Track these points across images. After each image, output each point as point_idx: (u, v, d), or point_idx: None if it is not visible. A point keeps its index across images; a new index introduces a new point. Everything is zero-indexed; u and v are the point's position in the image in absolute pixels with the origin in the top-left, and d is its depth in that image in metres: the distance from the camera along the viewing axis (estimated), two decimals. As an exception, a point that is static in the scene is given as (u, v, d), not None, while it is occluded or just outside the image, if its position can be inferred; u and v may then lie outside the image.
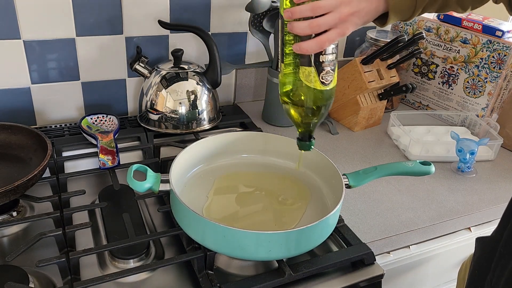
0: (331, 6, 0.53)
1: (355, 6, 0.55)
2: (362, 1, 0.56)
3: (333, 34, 0.54)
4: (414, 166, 0.77)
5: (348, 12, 0.54)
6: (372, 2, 0.57)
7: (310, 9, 0.53)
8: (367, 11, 0.57)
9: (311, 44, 0.54)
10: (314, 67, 0.57)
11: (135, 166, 0.69)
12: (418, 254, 0.84)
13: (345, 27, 0.55)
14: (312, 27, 0.53)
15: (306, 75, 0.57)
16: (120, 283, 0.66)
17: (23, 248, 0.65)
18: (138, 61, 0.99)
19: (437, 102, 1.28)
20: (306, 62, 0.57)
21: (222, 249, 0.64)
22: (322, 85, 0.58)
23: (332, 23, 0.53)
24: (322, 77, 0.58)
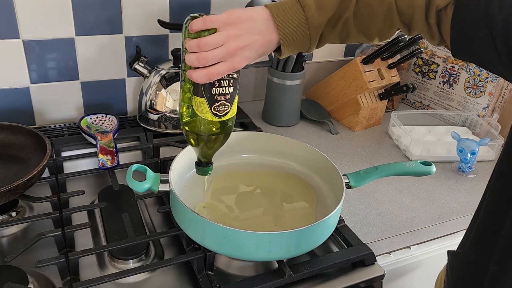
0: (219, 41, 0.53)
1: (244, 40, 0.54)
2: (253, 35, 0.55)
3: (221, 67, 0.53)
4: (415, 166, 0.76)
5: (236, 46, 0.54)
6: (264, 35, 0.56)
7: (196, 45, 0.53)
8: (261, 44, 0.56)
9: (200, 74, 0.53)
10: (205, 98, 0.56)
11: (135, 166, 0.69)
12: (419, 255, 0.84)
13: (236, 61, 0.54)
14: (200, 60, 0.53)
15: (198, 105, 0.57)
16: (119, 284, 0.66)
17: (22, 249, 0.65)
18: (138, 60, 0.99)
19: (438, 102, 1.28)
20: (197, 92, 0.56)
21: (222, 249, 0.64)
22: (215, 117, 0.58)
23: (219, 57, 0.53)
24: (214, 109, 0.57)
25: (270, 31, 0.57)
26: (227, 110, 0.58)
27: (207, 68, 0.53)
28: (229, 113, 0.59)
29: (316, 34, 0.58)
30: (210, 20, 0.54)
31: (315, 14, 0.57)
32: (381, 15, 0.58)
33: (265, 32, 0.56)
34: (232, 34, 0.54)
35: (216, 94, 0.56)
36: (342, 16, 0.58)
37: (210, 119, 0.58)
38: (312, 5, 0.57)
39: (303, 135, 1.12)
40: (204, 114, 0.58)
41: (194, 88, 0.57)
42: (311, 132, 1.14)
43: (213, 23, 0.54)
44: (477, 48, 0.53)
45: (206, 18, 0.54)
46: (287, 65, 1.08)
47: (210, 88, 0.56)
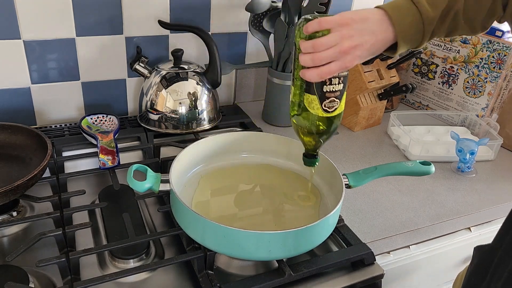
0: (332, 42, 0.56)
1: (356, 40, 0.56)
2: (364, 35, 0.57)
3: (333, 66, 0.56)
4: (414, 166, 0.77)
5: (349, 46, 0.56)
6: (377, 34, 0.58)
7: (311, 46, 0.56)
8: (372, 43, 0.58)
9: (313, 74, 0.56)
10: (316, 96, 0.59)
11: (135, 166, 0.69)
12: (418, 254, 0.84)
13: (347, 60, 0.57)
14: (314, 60, 0.56)
15: (309, 101, 0.60)
16: (120, 283, 0.66)
17: (23, 248, 0.65)
18: (138, 61, 0.99)
19: (437, 102, 1.28)
20: (309, 90, 0.60)
21: (222, 249, 0.64)
22: (325, 113, 0.61)
23: (332, 56, 0.56)
24: (324, 105, 0.60)
25: (383, 30, 0.59)
26: (336, 106, 0.61)
27: (319, 67, 0.56)
28: (337, 109, 0.62)
29: (429, 28, 0.60)
30: (326, 22, 0.56)
31: (428, 9, 0.59)
32: (487, 4, 0.60)
33: (377, 31, 0.58)
34: (345, 34, 0.56)
35: (327, 91, 0.59)
36: (453, 9, 0.60)
37: (320, 115, 0.61)
38: (423, 1, 0.59)
39: (303, 135, 1.12)
40: (315, 111, 0.61)
41: (306, 86, 0.60)
42: (310, 132, 1.14)
43: (328, 24, 0.56)
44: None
45: (321, 20, 0.56)
46: (287, 65, 1.08)
47: (322, 86, 0.59)
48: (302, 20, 0.59)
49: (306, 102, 0.61)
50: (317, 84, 0.58)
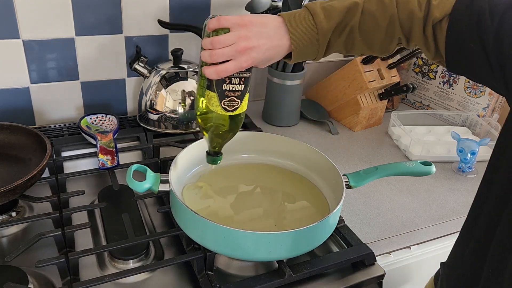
0: (229, 41, 0.58)
1: (252, 42, 0.58)
2: (261, 38, 0.59)
3: (230, 65, 0.58)
4: (415, 166, 0.76)
5: (245, 46, 0.58)
6: (273, 40, 0.60)
7: (210, 42, 0.58)
8: (268, 47, 0.60)
9: (211, 71, 0.58)
10: (216, 93, 0.61)
11: (135, 166, 0.69)
12: (419, 255, 0.84)
13: (243, 60, 0.58)
14: (211, 56, 0.58)
15: (209, 98, 0.62)
16: (119, 284, 0.66)
17: (22, 249, 0.65)
18: (138, 60, 0.99)
19: (438, 102, 1.28)
20: (210, 87, 0.61)
21: (222, 249, 0.64)
22: (224, 111, 0.62)
23: (228, 54, 0.58)
24: (224, 103, 0.61)
25: (280, 37, 0.61)
26: (236, 105, 0.63)
27: (217, 65, 0.58)
28: (238, 108, 0.63)
29: (324, 40, 0.62)
30: (225, 19, 0.58)
31: (323, 20, 0.61)
32: (384, 25, 0.61)
33: (274, 37, 0.60)
34: (242, 35, 0.58)
35: (226, 90, 0.61)
36: (348, 25, 0.62)
37: (219, 112, 0.62)
38: (320, 13, 0.61)
39: (303, 135, 1.12)
40: (214, 108, 0.62)
41: (207, 83, 0.61)
42: (311, 132, 1.14)
43: (227, 23, 0.58)
44: (470, 61, 0.56)
45: (221, 17, 0.58)
46: (287, 65, 1.08)
47: (221, 84, 0.60)
48: (207, 19, 0.60)
49: (207, 98, 0.62)
50: (217, 82, 0.60)
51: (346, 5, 0.61)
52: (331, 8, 0.61)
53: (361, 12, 0.61)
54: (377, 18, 0.61)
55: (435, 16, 0.57)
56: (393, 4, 0.60)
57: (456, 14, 0.56)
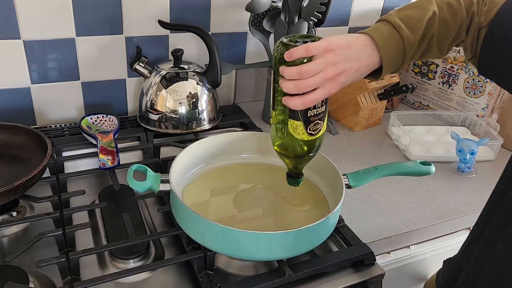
0: (317, 69, 0.55)
1: (341, 67, 0.56)
2: (349, 61, 0.57)
3: (318, 94, 0.56)
4: (414, 166, 0.77)
5: (334, 73, 0.56)
6: (361, 60, 0.58)
7: (297, 73, 0.55)
8: (357, 69, 0.58)
9: (297, 102, 0.56)
10: (302, 121, 0.58)
11: (135, 166, 0.69)
12: (418, 254, 0.84)
13: (331, 87, 0.56)
14: (298, 88, 0.55)
15: (294, 127, 0.59)
16: (120, 283, 0.66)
17: (23, 248, 0.65)
18: (138, 61, 0.99)
19: (437, 102, 1.28)
20: (294, 116, 0.58)
21: (222, 249, 0.64)
22: (310, 136, 0.60)
23: (317, 84, 0.55)
24: (309, 129, 0.59)
25: (368, 56, 0.59)
26: (320, 128, 0.61)
27: (303, 96, 0.55)
28: (321, 130, 0.61)
29: (410, 52, 0.61)
30: (314, 48, 0.55)
31: (409, 33, 0.60)
32: (455, 30, 0.62)
33: (362, 57, 0.59)
34: (330, 61, 0.55)
35: (311, 116, 0.58)
36: (428, 33, 0.61)
37: (306, 139, 0.60)
38: (403, 26, 0.60)
39: (303, 135, 1.12)
40: (301, 136, 0.60)
41: (290, 112, 0.58)
42: (311, 132, 1.14)
43: (316, 50, 0.55)
44: (501, 67, 0.57)
45: (309, 46, 0.55)
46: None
47: (306, 111, 0.58)
48: (280, 45, 0.57)
49: (291, 128, 0.59)
50: (301, 110, 0.57)
51: (425, 15, 0.61)
52: (410, 19, 0.61)
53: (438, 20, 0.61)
54: (450, 24, 0.61)
55: (481, 21, 0.59)
56: (462, 9, 0.61)
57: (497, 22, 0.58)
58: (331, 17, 1.21)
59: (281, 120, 0.60)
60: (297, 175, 0.68)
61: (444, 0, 0.62)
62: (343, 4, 1.24)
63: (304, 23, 0.99)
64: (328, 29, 1.24)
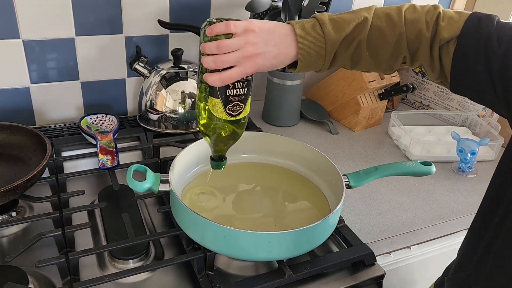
0: (236, 45, 0.56)
1: (259, 48, 0.57)
2: (268, 45, 0.58)
3: (235, 71, 0.56)
4: (415, 166, 0.76)
5: (251, 52, 0.56)
6: (280, 47, 0.59)
7: (216, 46, 0.56)
8: (274, 55, 0.59)
9: (215, 79, 0.57)
10: (220, 99, 0.59)
11: (135, 166, 0.69)
12: (419, 255, 0.84)
13: (248, 66, 0.57)
14: (216, 63, 0.56)
15: (213, 105, 0.60)
16: (119, 284, 0.66)
17: (22, 249, 0.65)
18: (138, 60, 0.99)
19: (438, 102, 1.28)
20: (213, 93, 0.59)
21: (222, 249, 0.64)
22: (229, 116, 0.61)
23: (234, 60, 0.56)
24: (228, 109, 0.60)
25: (287, 45, 0.60)
26: (240, 110, 0.61)
27: (221, 72, 0.56)
28: (242, 112, 0.62)
29: (331, 50, 0.61)
30: (234, 25, 0.56)
31: (332, 31, 0.60)
32: (392, 42, 0.61)
33: (281, 44, 0.59)
34: (250, 41, 0.57)
35: (230, 95, 0.59)
36: (356, 38, 0.61)
37: (224, 118, 0.61)
38: (328, 24, 0.61)
39: (303, 135, 1.12)
40: (219, 114, 0.60)
41: (209, 89, 0.59)
42: (311, 132, 1.14)
43: (236, 28, 0.56)
44: (475, 83, 0.56)
45: (229, 22, 0.56)
46: (287, 65, 1.08)
47: (225, 90, 0.59)
48: (206, 23, 0.58)
49: (210, 105, 0.60)
50: (220, 88, 0.58)
51: (355, 19, 0.61)
52: (340, 20, 0.61)
53: (369, 27, 0.61)
54: (385, 35, 0.61)
55: (443, 36, 0.58)
56: (401, 22, 0.60)
57: (465, 37, 0.56)
58: (331, 17, 1.21)
59: (203, 97, 0.61)
60: (219, 158, 0.68)
61: (386, 11, 0.62)
62: (343, 4, 1.23)
63: (304, 23, 0.99)
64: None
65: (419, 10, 0.61)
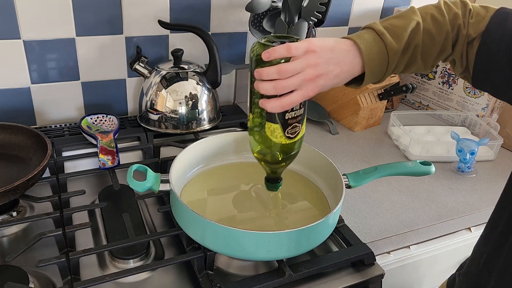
0: (297, 69, 0.53)
1: (321, 69, 0.54)
2: (330, 64, 0.55)
3: (296, 96, 0.54)
4: (414, 166, 0.77)
5: (314, 74, 0.54)
6: (342, 65, 0.57)
7: (276, 71, 0.53)
8: (337, 73, 0.56)
9: (275, 105, 0.54)
10: (279, 124, 0.56)
11: (135, 166, 0.69)
12: (418, 254, 0.84)
13: (310, 89, 0.54)
14: (277, 89, 0.53)
15: (272, 130, 0.57)
16: (120, 283, 0.66)
17: (23, 248, 0.65)
18: (138, 61, 0.99)
19: (437, 102, 1.28)
20: (271, 119, 0.56)
21: (222, 249, 0.64)
22: (288, 139, 0.58)
23: (296, 85, 0.53)
24: (287, 132, 0.57)
25: (350, 61, 0.57)
26: (298, 131, 0.59)
27: (280, 98, 0.54)
28: (300, 133, 0.59)
29: (394, 60, 0.60)
30: (295, 47, 0.53)
31: (392, 41, 0.59)
32: (440, 42, 0.61)
33: (342, 62, 0.57)
34: (311, 62, 0.54)
35: (289, 118, 0.56)
36: (412, 43, 0.61)
37: (284, 142, 0.58)
38: (387, 34, 0.59)
39: (303, 135, 1.12)
40: (279, 139, 0.58)
41: (267, 115, 0.56)
42: (311, 132, 1.15)
43: (297, 51, 0.53)
44: (497, 79, 0.57)
45: (290, 45, 0.53)
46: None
47: (284, 114, 0.56)
48: (257, 45, 0.55)
49: (268, 131, 0.57)
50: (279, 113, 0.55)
51: (409, 24, 0.60)
52: (395, 28, 0.60)
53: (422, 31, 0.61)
54: (434, 36, 0.60)
55: (470, 33, 0.59)
56: (446, 21, 0.60)
57: (489, 34, 0.57)
58: (331, 17, 1.21)
59: (259, 123, 0.58)
60: (276, 179, 0.67)
61: (428, 12, 0.61)
62: (343, 4, 1.24)
63: (304, 23, 0.99)
64: (328, 29, 1.25)
65: (453, 7, 0.61)
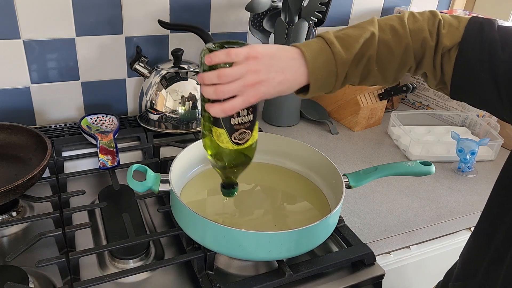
0: (238, 74, 0.53)
1: (262, 76, 0.54)
2: (272, 71, 0.55)
3: (237, 101, 0.54)
4: (415, 166, 0.77)
5: (254, 80, 0.53)
6: (286, 72, 0.56)
7: (216, 76, 0.53)
8: (279, 81, 0.55)
9: (216, 110, 0.54)
10: (224, 129, 0.56)
11: (135, 166, 0.69)
12: (418, 255, 0.84)
13: (251, 95, 0.54)
14: (217, 93, 0.53)
15: (218, 135, 0.57)
16: (120, 283, 0.66)
17: (23, 248, 0.65)
18: (138, 61, 0.99)
19: (438, 102, 1.28)
20: (217, 123, 0.56)
21: (222, 249, 0.64)
22: (236, 145, 0.58)
23: (236, 90, 0.53)
24: (234, 138, 0.57)
25: (293, 70, 0.57)
26: (247, 137, 0.58)
27: (222, 103, 0.54)
28: (249, 140, 0.59)
29: (342, 71, 0.59)
30: (235, 53, 0.53)
31: (341, 50, 0.58)
32: (399, 55, 0.59)
33: (286, 69, 0.56)
34: (251, 68, 0.54)
35: (235, 124, 0.56)
36: (366, 54, 0.59)
37: (231, 148, 0.58)
38: (336, 42, 0.58)
39: (303, 135, 1.13)
40: (225, 144, 0.57)
41: (213, 119, 0.56)
42: (311, 132, 1.15)
43: (237, 57, 0.53)
44: (478, 89, 0.56)
45: (230, 50, 0.53)
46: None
47: (229, 119, 0.56)
48: (205, 50, 0.55)
49: (215, 135, 0.57)
50: (224, 117, 0.55)
51: (362, 34, 0.59)
52: (347, 37, 0.59)
53: (377, 42, 0.59)
54: (392, 48, 0.59)
55: (445, 44, 0.57)
56: (406, 34, 0.59)
57: (467, 44, 0.56)
58: (331, 17, 1.21)
59: (208, 127, 0.58)
60: (230, 185, 0.66)
61: (388, 23, 0.60)
62: (343, 4, 1.24)
63: (304, 23, 0.99)
64: (329, 29, 1.24)
65: (419, 18, 0.59)
